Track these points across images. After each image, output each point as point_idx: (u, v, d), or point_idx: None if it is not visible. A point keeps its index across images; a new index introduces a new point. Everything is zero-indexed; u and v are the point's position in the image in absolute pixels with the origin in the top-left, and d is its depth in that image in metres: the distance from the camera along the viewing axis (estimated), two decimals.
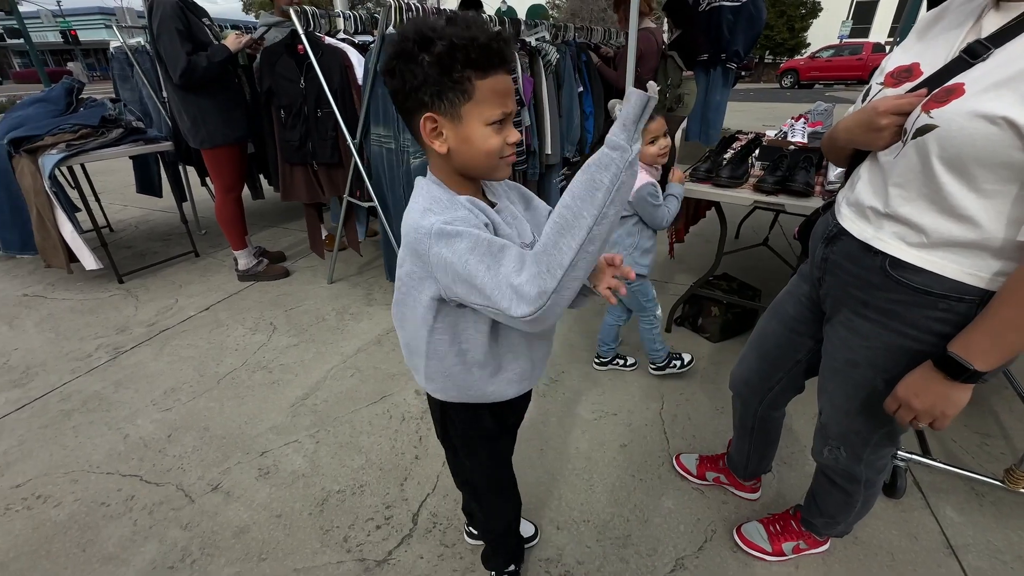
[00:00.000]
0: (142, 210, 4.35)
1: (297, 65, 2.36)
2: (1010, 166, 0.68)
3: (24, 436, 1.77)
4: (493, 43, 0.65)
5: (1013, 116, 0.65)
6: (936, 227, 0.77)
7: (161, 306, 2.68)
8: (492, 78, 0.67)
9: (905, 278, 0.81)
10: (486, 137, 0.70)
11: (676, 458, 1.60)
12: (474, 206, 0.74)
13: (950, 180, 0.73)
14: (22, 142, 2.53)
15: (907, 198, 0.79)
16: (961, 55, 0.75)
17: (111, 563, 1.33)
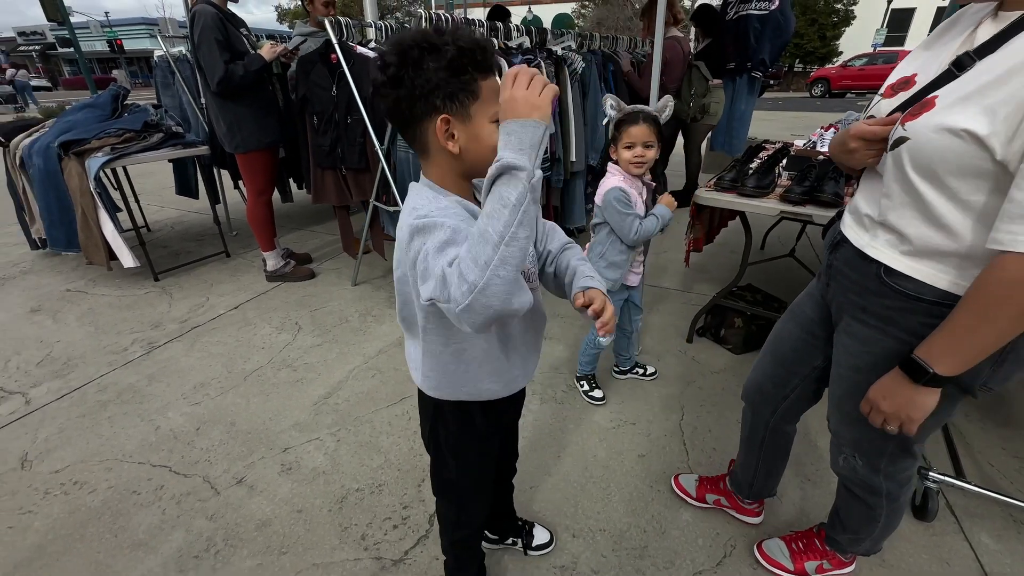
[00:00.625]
0: (178, 211, 4.52)
1: (330, 73, 2.43)
2: (981, 175, 0.69)
3: (64, 424, 1.86)
4: (489, 47, 0.72)
5: (974, 128, 0.66)
6: (920, 235, 0.79)
7: (193, 304, 2.78)
8: (490, 79, 0.73)
9: (899, 285, 0.82)
10: (492, 133, 0.72)
11: (674, 479, 1.54)
12: (461, 205, 0.77)
13: (927, 189, 0.75)
14: (71, 145, 2.67)
15: (892, 207, 0.82)
16: (950, 67, 0.75)
17: (140, 549, 1.38)
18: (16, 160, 2.96)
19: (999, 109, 0.65)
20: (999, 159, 0.66)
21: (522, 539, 1.35)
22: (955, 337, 0.73)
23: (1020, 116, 0.63)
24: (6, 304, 2.80)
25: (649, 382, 2.07)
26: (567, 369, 2.14)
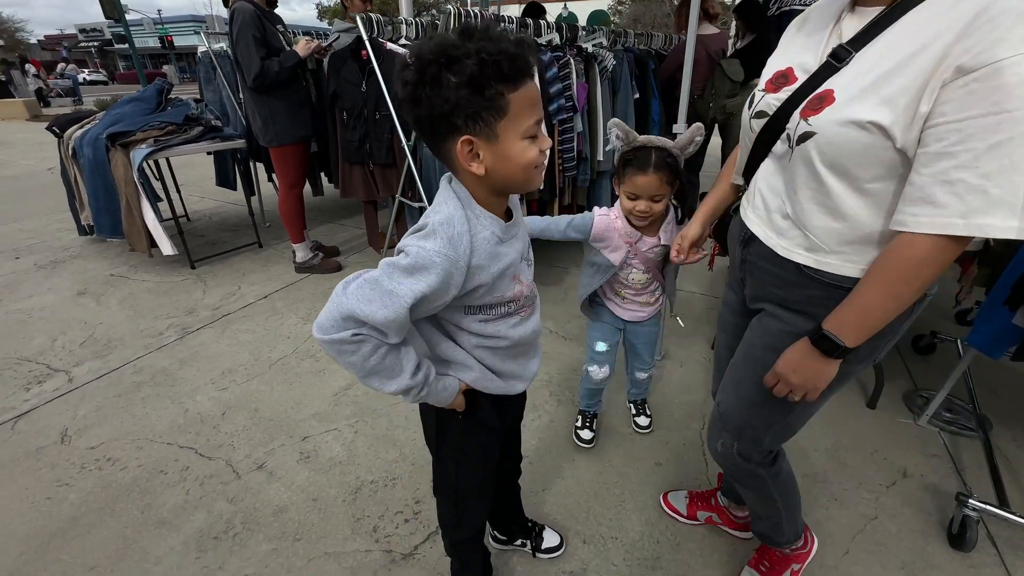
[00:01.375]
0: (216, 202, 4.69)
1: (360, 70, 2.47)
2: (884, 164, 0.72)
3: (101, 403, 1.95)
4: (520, 51, 0.63)
5: (878, 119, 0.69)
6: (824, 228, 0.81)
7: (225, 292, 2.88)
8: (523, 88, 0.65)
9: (818, 275, 0.84)
10: (523, 151, 0.69)
11: (663, 497, 1.49)
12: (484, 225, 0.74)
13: (835, 182, 0.77)
14: (118, 137, 2.80)
15: (798, 201, 0.83)
16: (828, 60, 0.78)
17: (164, 527, 1.43)
18: (69, 150, 3.13)
19: (897, 99, 0.68)
20: (899, 147, 0.70)
21: (531, 541, 1.33)
22: (864, 312, 0.77)
23: (914, 106, 0.67)
24: (56, 286, 2.97)
25: (672, 389, 2.02)
26: None
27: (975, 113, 0.62)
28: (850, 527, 1.41)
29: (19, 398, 1.98)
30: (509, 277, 0.79)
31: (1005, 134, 0.61)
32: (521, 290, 0.83)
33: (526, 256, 0.86)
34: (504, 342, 0.86)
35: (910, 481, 1.56)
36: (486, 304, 0.80)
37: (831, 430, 1.77)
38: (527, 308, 0.88)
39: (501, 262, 0.76)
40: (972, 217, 0.65)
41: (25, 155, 7.31)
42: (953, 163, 0.65)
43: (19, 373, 2.14)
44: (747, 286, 1.01)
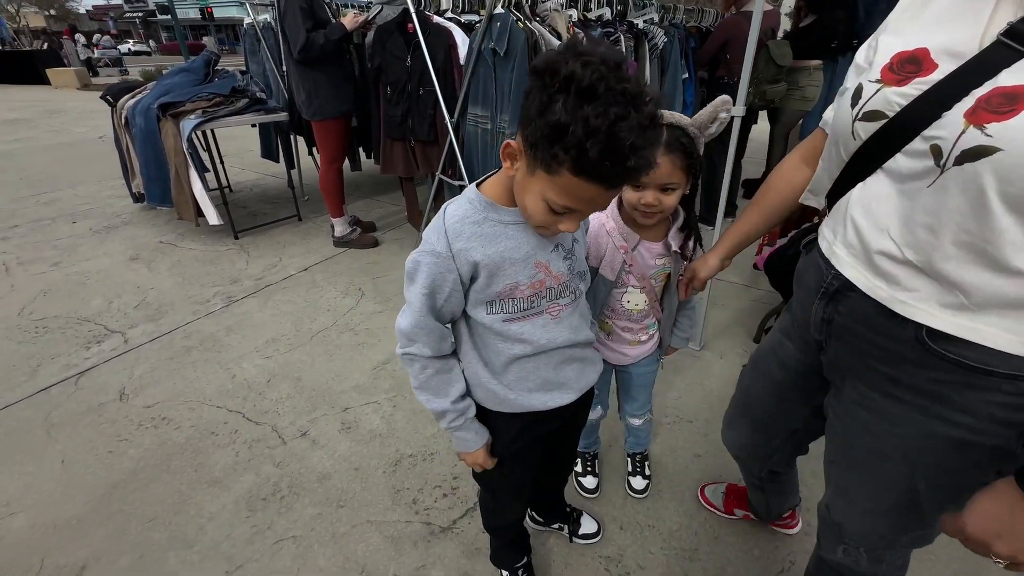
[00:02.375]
0: (257, 174, 4.79)
1: (406, 44, 2.44)
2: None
3: (155, 364, 2.05)
4: (607, 162, 0.53)
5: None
6: (982, 284, 0.55)
7: (267, 263, 2.95)
8: (584, 183, 0.57)
9: (953, 352, 0.58)
10: (536, 208, 0.65)
11: (700, 491, 1.46)
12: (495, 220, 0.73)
13: (1012, 225, 0.51)
14: (168, 107, 2.87)
15: (940, 247, 0.57)
16: (1001, 40, 0.52)
17: (216, 486, 1.50)
18: (122, 119, 3.22)
19: None
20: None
21: (568, 526, 1.34)
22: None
23: None
24: (110, 251, 3.10)
25: (711, 379, 1.98)
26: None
27: None
28: None
29: (80, 356, 2.10)
30: (524, 263, 0.74)
31: None
32: (544, 280, 0.76)
33: (564, 244, 0.78)
34: (529, 347, 0.80)
35: None
36: (503, 294, 0.75)
37: None
38: (558, 306, 0.80)
39: (500, 244, 0.72)
40: None
41: (78, 123, 7.59)
42: None
43: (80, 332, 2.26)
44: (828, 352, 0.76)
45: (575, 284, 0.82)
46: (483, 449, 0.88)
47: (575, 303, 0.84)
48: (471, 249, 0.71)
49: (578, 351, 0.88)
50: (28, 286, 2.66)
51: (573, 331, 0.84)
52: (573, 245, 0.82)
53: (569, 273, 0.80)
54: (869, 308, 0.65)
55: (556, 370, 0.86)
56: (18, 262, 2.94)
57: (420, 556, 1.31)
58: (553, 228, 0.68)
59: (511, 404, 0.86)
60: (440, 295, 0.74)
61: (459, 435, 0.86)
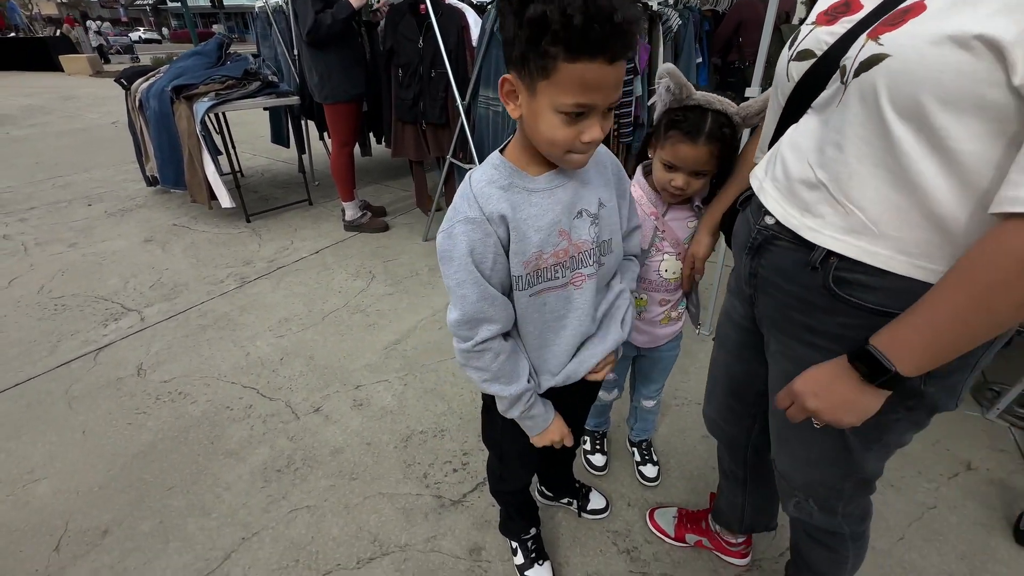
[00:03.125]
0: (268, 159, 4.81)
1: (418, 25, 2.43)
2: (984, 112, 0.48)
3: (171, 342, 2.08)
4: (596, 24, 0.53)
5: (992, 33, 0.45)
6: (883, 201, 0.57)
7: (279, 246, 2.98)
8: (582, 64, 0.56)
9: (856, 297, 0.61)
10: (553, 127, 0.62)
11: (649, 516, 1.35)
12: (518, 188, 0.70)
13: (906, 133, 0.53)
14: (182, 90, 2.89)
15: (842, 161, 0.59)
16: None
17: (232, 458, 1.54)
18: (136, 102, 3.25)
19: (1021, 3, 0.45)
20: (1017, 84, 0.46)
21: (577, 501, 1.36)
22: (932, 327, 0.53)
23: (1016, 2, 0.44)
24: (125, 233, 3.14)
25: None
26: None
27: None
28: (907, 514, 1.37)
29: (98, 332, 2.14)
30: (548, 230, 0.71)
31: None
32: (567, 249, 0.74)
33: (589, 208, 0.74)
34: (552, 322, 0.79)
35: (974, 474, 1.50)
36: (529, 262, 0.72)
37: None
38: (581, 276, 0.77)
39: (525, 211, 0.70)
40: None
41: (91, 108, 7.66)
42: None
43: (97, 310, 2.30)
44: (757, 305, 0.79)
45: (599, 253, 0.78)
46: (558, 419, 0.86)
47: (597, 273, 0.80)
48: (504, 210, 0.69)
49: (590, 330, 0.85)
50: (46, 265, 2.71)
51: (594, 305, 0.81)
52: (600, 209, 0.76)
53: (594, 240, 0.76)
54: (787, 260, 0.68)
55: (566, 355, 0.84)
56: (36, 242, 2.99)
57: (431, 527, 1.33)
58: (579, 146, 0.63)
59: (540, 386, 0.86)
60: (485, 263, 0.70)
61: (534, 412, 0.83)
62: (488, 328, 0.74)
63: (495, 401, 0.86)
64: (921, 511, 1.38)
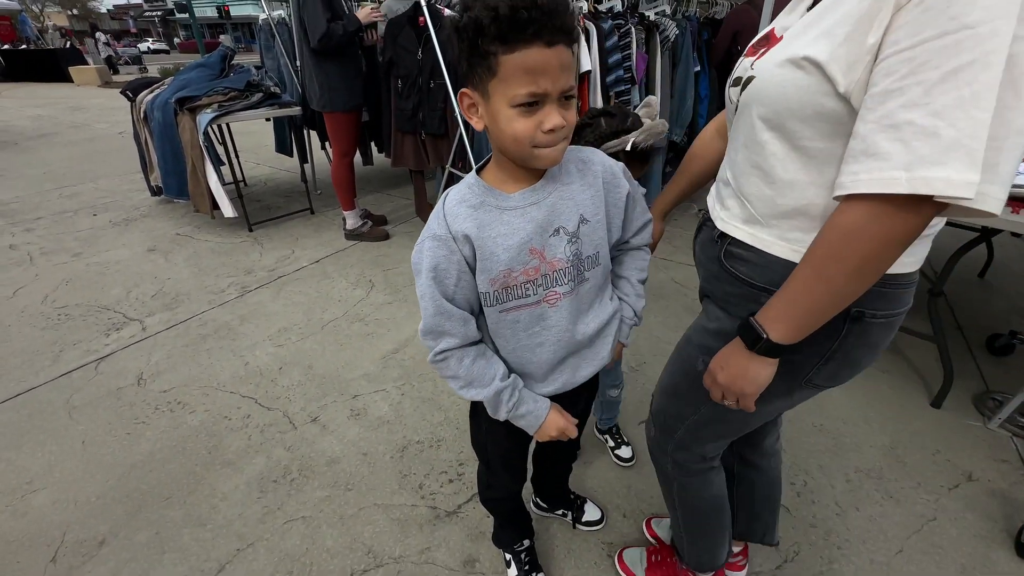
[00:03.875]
0: (271, 168, 4.86)
1: (417, 37, 2.46)
2: (826, 115, 0.59)
3: (171, 351, 2.10)
4: (523, 11, 0.56)
5: (813, 54, 0.57)
6: (760, 195, 0.70)
7: (280, 255, 3.01)
8: (520, 52, 0.58)
9: (735, 269, 0.75)
10: (509, 120, 0.63)
11: (618, 558, 1.27)
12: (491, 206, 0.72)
13: (770, 138, 0.66)
14: (185, 101, 2.93)
15: (736, 163, 0.74)
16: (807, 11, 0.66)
17: (229, 468, 1.54)
18: (141, 114, 3.30)
19: (836, 29, 0.56)
20: (842, 91, 0.56)
21: (572, 513, 1.35)
22: (790, 297, 0.63)
23: (859, 37, 0.53)
24: (129, 242, 3.18)
25: None
26: (628, 351, 2.09)
27: (929, 35, 0.48)
28: (905, 526, 1.36)
29: (100, 342, 2.16)
30: (518, 249, 0.71)
31: (965, 57, 0.46)
32: (539, 267, 0.73)
33: (567, 227, 0.74)
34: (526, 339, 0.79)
35: (975, 485, 1.48)
36: (497, 280, 0.73)
37: (890, 427, 1.69)
38: (556, 294, 0.76)
39: (495, 229, 0.71)
40: (918, 169, 0.49)
41: (99, 119, 7.77)
42: (900, 101, 0.50)
43: (100, 320, 2.33)
44: (700, 281, 0.92)
45: (578, 270, 0.77)
46: (554, 411, 0.84)
47: (575, 291, 0.78)
48: (468, 230, 0.71)
49: (574, 346, 0.83)
50: (51, 275, 2.74)
51: (572, 321, 0.80)
52: (581, 227, 0.75)
53: (571, 258, 0.75)
54: (706, 236, 0.83)
55: (548, 368, 0.83)
56: (41, 252, 3.03)
57: (425, 538, 1.33)
58: (543, 138, 0.63)
59: None
60: (449, 279, 0.72)
61: (523, 411, 0.81)
62: (447, 341, 0.76)
63: (481, 406, 0.85)
64: (920, 523, 1.37)
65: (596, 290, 0.83)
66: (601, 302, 0.85)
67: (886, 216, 0.53)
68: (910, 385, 1.89)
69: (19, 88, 12.63)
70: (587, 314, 0.83)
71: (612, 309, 0.86)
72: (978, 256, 2.66)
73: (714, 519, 1.03)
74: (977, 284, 2.66)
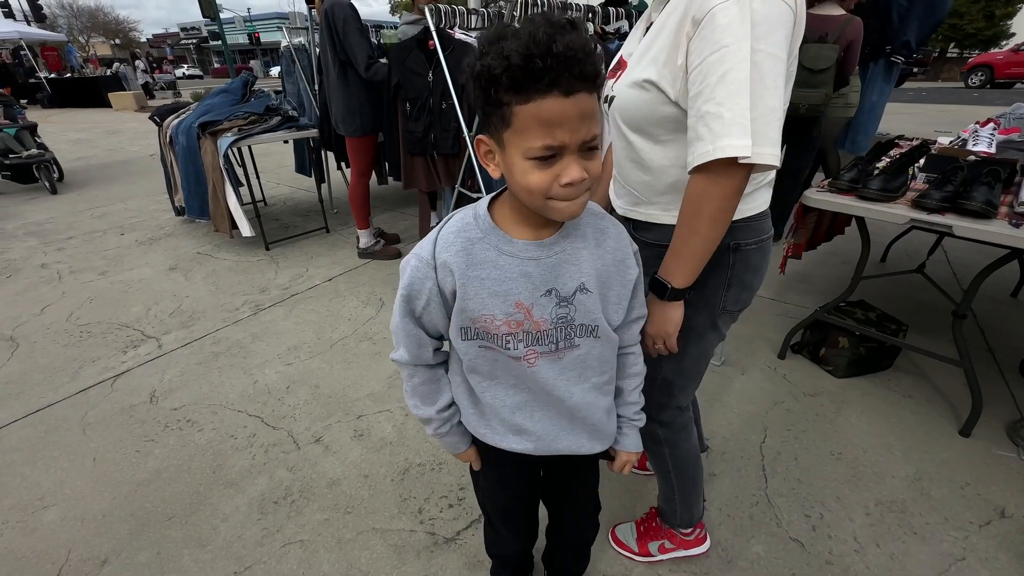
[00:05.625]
0: (290, 188, 5.00)
1: (427, 60, 2.51)
2: (668, 118, 0.83)
3: (184, 369, 2.14)
4: (536, 59, 0.52)
5: (649, 76, 0.82)
6: (640, 182, 0.93)
7: (295, 273, 3.06)
8: (535, 103, 0.55)
9: (645, 238, 0.96)
10: (524, 172, 0.60)
11: (611, 532, 1.37)
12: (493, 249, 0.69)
13: (637, 139, 0.90)
14: (208, 126, 3.04)
15: (618, 162, 0.98)
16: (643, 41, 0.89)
17: (231, 488, 1.55)
18: (167, 138, 3.44)
19: (659, 56, 0.80)
20: (674, 99, 0.80)
21: None
22: (676, 251, 0.84)
23: (673, 60, 0.78)
24: (152, 261, 3.29)
25: (732, 396, 1.91)
26: None
27: (706, 54, 0.73)
28: (931, 565, 1.27)
29: (118, 359, 2.22)
30: (503, 297, 0.68)
31: (727, 65, 0.71)
32: (522, 322, 0.70)
33: (562, 289, 0.70)
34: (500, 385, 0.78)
35: (1009, 522, 1.38)
36: (478, 321, 0.70)
37: (915, 456, 1.60)
38: (535, 352, 0.72)
39: (485, 270, 0.68)
40: (717, 141, 0.72)
41: (133, 142, 8.14)
42: (701, 99, 0.74)
43: (119, 337, 2.40)
44: None
45: (565, 336, 0.72)
46: (471, 450, 0.89)
47: (559, 354, 0.74)
48: (454, 263, 0.68)
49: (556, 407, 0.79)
50: (77, 293, 2.85)
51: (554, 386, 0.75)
52: (577, 294, 0.71)
53: (559, 322, 0.71)
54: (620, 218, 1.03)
55: (524, 413, 0.79)
56: (70, 271, 3.15)
57: (422, 567, 1.30)
58: (559, 191, 0.60)
59: (485, 438, 0.84)
60: (418, 302, 0.72)
61: (446, 440, 0.86)
62: (400, 353, 0.78)
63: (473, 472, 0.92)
64: (948, 563, 1.28)
65: (596, 365, 0.78)
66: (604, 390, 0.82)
67: (715, 178, 0.76)
68: (936, 412, 1.79)
69: (62, 114, 13.36)
70: (576, 383, 0.77)
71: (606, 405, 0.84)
72: (1011, 274, 2.54)
73: (698, 466, 1.20)
74: (1009, 304, 2.53)
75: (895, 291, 2.57)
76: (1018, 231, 1.40)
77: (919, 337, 2.16)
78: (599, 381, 0.80)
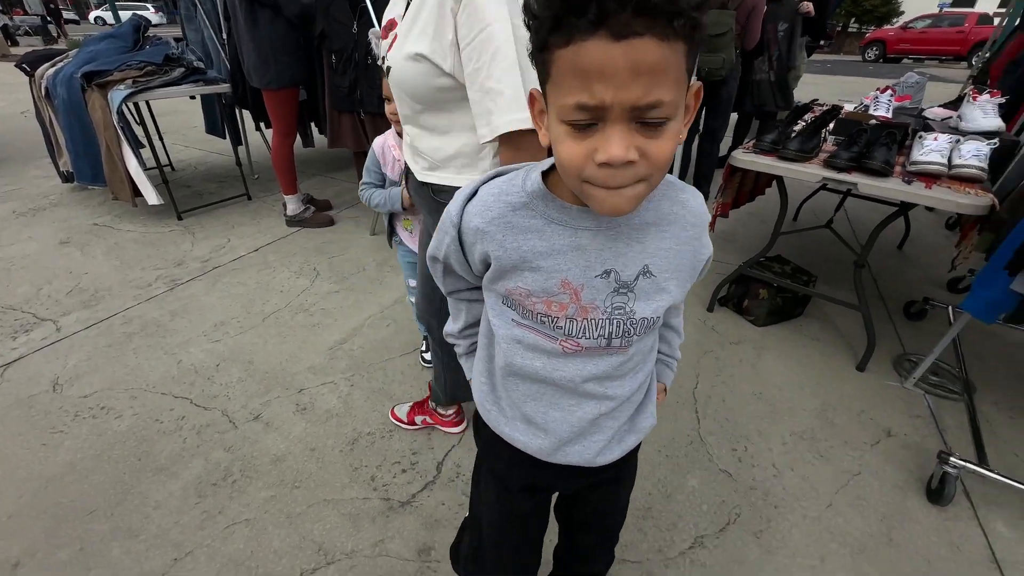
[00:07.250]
0: (201, 151, 4.52)
1: (352, 8, 2.31)
2: (446, 88, 0.86)
3: (91, 352, 1.93)
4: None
5: (420, 50, 0.83)
6: (431, 147, 0.97)
7: (215, 244, 2.81)
8: (574, 46, 0.41)
9: (443, 200, 0.97)
10: (559, 139, 0.47)
11: (391, 412, 1.64)
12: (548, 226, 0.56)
13: (420, 108, 0.92)
14: (94, 76, 2.64)
15: (408, 127, 1.01)
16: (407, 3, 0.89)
17: (162, 474, 1.44)
18: (41, 90, 2.95)
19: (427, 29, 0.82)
20: (448, 71, 0.83)
21: None
22: None
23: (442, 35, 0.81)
24: (38, 235, 2.87)
25: None
26: None
27: (475, 33, 0.76)
28: (834, 482, 1.46)
29: (6, 346, 1.95)
30: (546, 273, 0.57)
31: (495, 43, 0.75)
32: (566, 305, 0.57)
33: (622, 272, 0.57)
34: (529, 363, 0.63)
35: (893, 440, 1.61)
36: (513, 293, 0.60)
37: (821, 391, 1.81)
38: (575, 343, 0.60)
39: (526, 240, 0.56)
40: (504, 116, 0.78)
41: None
42: (482, 76, 0.78)
43: (4, 322, 2.10)
44: None
45: (615, 327, 0.59)
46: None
47: (601, 353, 0.61)
48: (489, 231, 0.57)
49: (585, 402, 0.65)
50: None
51: (583, 379, 0.62)
52: (639, 279, 0.57)
53: (613, 311, 0.58)
54: (413, 183, 1.08)
55: (543, 404, 0.66)
56: None
57: (378, 531, 1.30)
58: (594, 172, 0.46)
59: (490, 418, 0.71)
60: (438, 251, 0.66)
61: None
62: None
63: (482, 469, 0.81)
64: (847, 478, 1.48)
65: (638, 361, 0.65)
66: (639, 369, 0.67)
67: (518, 145, 0.82)
68: (838, 351, 2.02)
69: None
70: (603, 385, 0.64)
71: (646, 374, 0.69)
72: (897, 229, 2.87)
73: None
74: (896, 255, 2.87)
75: (807, 245, 2.83)
76: (909, 187, 1.58)
77: (825, 286, 2.40)
78: (643, 378, 0.67)
